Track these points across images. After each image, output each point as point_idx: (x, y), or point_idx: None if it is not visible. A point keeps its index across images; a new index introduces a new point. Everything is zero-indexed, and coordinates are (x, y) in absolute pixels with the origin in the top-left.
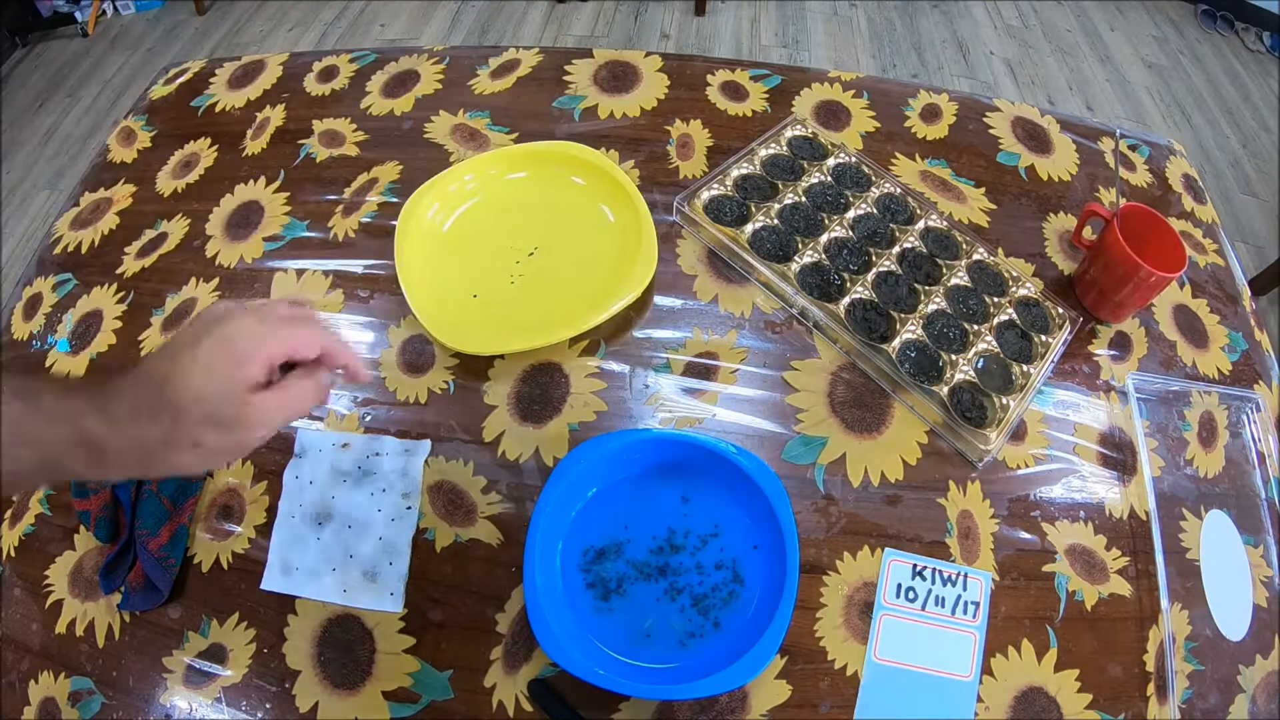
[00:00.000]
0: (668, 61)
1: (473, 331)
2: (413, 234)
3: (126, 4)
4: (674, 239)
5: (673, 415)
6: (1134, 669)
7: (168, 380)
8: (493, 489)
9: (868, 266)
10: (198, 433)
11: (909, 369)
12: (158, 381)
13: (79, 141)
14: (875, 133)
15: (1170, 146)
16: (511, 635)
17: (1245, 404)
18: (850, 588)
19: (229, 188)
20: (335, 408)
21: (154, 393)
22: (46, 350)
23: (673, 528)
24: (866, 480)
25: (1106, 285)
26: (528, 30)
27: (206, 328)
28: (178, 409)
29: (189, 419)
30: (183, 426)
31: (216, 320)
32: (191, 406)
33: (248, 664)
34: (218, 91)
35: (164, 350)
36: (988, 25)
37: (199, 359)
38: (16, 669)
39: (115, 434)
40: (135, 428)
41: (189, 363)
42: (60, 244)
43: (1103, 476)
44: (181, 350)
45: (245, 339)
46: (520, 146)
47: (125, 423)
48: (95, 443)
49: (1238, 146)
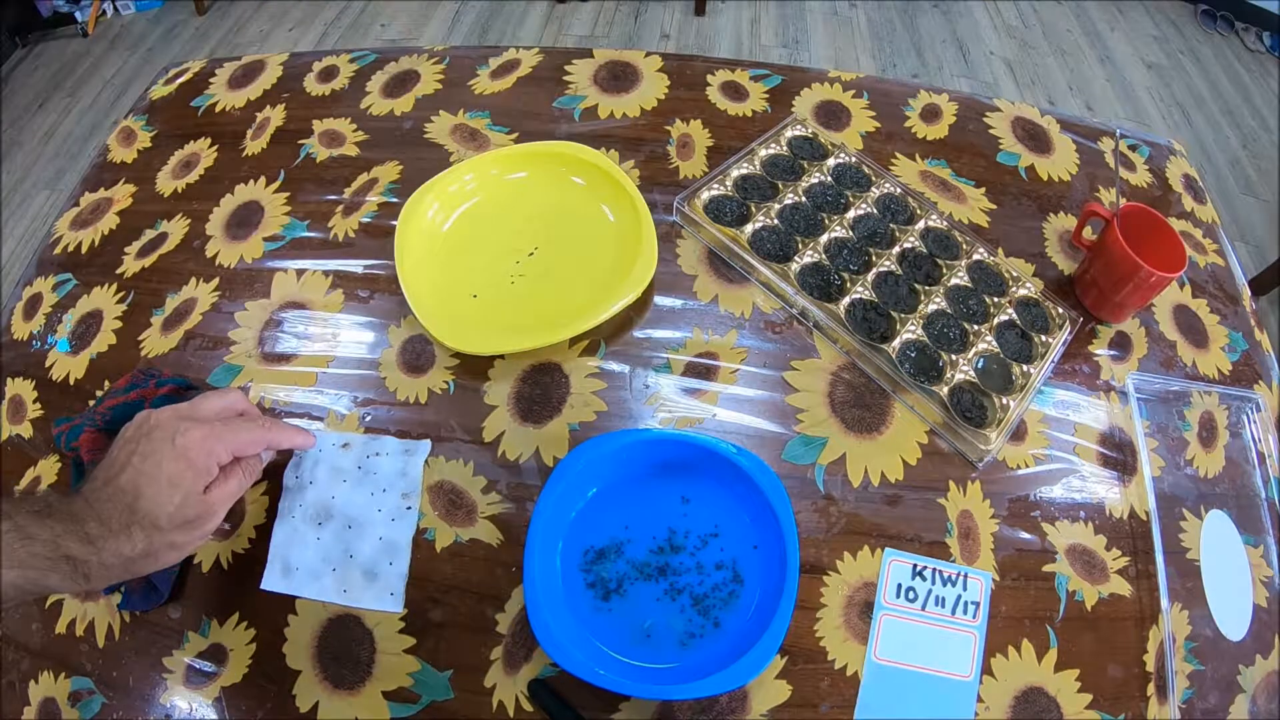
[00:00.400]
0: (668, 61)
1: (473, 331)
2: (413, 234)
3: (126, 4)
4: (674, 239)
5: (673, 415)
6: (1134, 669)
7: (138, 497)
8: (493, 489)
9: (868, 266)
10: (172, 536)
11: (909, 369)
12: (128, 501)
13: (79, 141)
14: (875, 133)
15: (1170, 146)
16: (511, 635)
17: (1245, 404)
18: (850, 588)
19: (229, 188)
20: (335, 408)
21: (125, 511)
22: (46, 350)
23: (673, 528)
24: (866, 480)
25: (1106, 285)
26: (528, 30)
27: (160, 443)
28: (153, 523)
29: (164, 529)
30: (159, 536)
31: (168, 435)
32: (163, 519)
33: (248, 664)
34: (218, 91)
35: (124, 466)
36: (988, 25)
37: (162, 477)
38: (16, 669)
39: (95, 552)
40: (114, 544)
41: (153, 480)
42: (60, 244)
43: (1103, 476)
44: (142, 468)
45: (199, 451)
46: (520, 146)
47: (103, 542)
48: (77, 562)
49: (1238, 146)
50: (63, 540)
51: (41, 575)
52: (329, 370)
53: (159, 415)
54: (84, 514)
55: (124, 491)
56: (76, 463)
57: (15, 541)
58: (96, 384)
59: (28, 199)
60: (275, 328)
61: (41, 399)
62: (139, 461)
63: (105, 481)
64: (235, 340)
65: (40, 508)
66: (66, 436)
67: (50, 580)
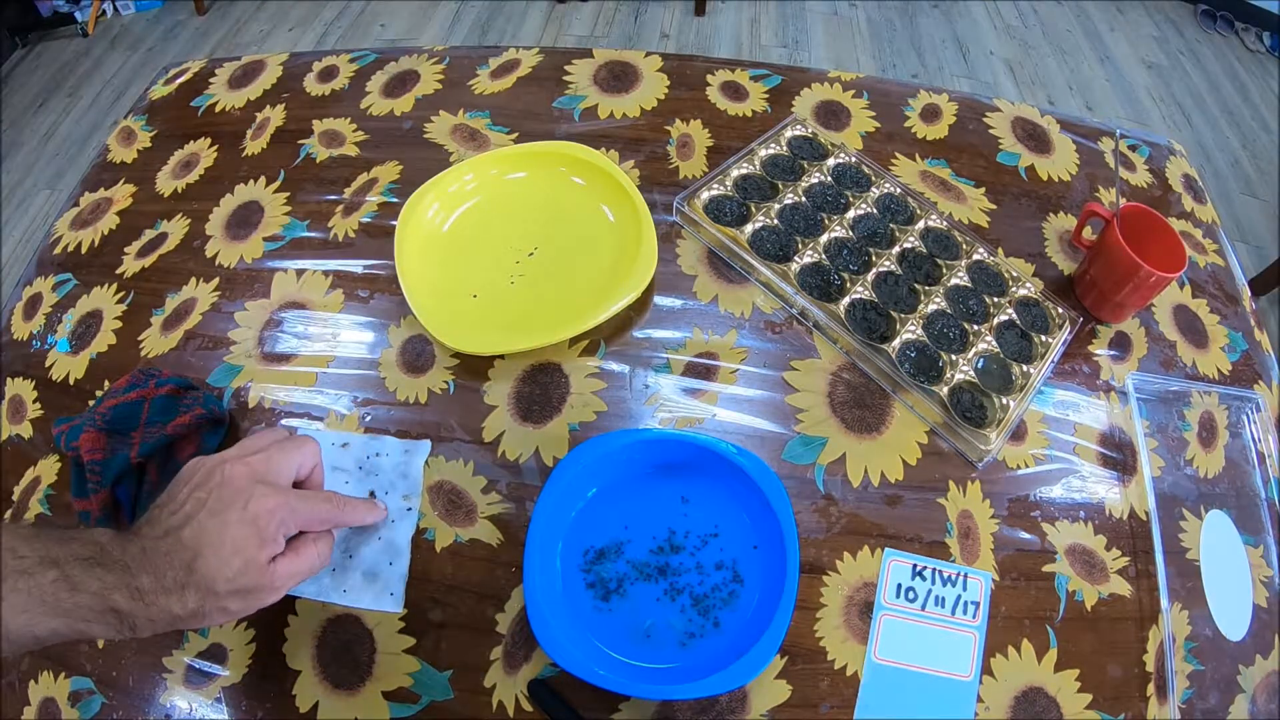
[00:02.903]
0: (668, 61)
1: (473, 331)
2: (413, 234)
3: (126, 4)
4: (674, 239)
5: (673, 415)
6: (1134, 669)
7: (198, 556)
8: (493, 489)
9: (868, 266)
10: (226, 602)
11: (909, 369)
12: (187, 559)
13: (79, 141)
14: (875, 133)
15: (1170, 146)
16: (511, 635)
17: (1245, 404)
18: (850, 588)
19: (229, 188)
20: (335, 408)
21: (183, 570)
22: (46, 350)
23: (673, 528)
24: (866, 480)
25: (1106, 285)
26: (528, 30)
27: (230, 502)
28: (208, 587)
29: (218, 594)
30: (212, 600)
31: (240, 495)
32: (220, 583)
33: (248, 664)
34: (218, 91)
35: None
36: (988, 25)
37: (227, 540)
38: (16, 669)
39: (145, 608)
40: (164, 601)
41: (216, 541)
42: (60, 244)
43: (1103, 476)
44: (207, 525)
45: (268, 521)
46: (520, 146)
47: (154, 597)
48: (124, 615)
49: (1238, 146)
50: (111, 594)
51: (86, 626)
52: (329, 370)
53: (233, 470)
54: (138, 566)
55: (184, 547)
56: (76, 463)
57: (62, 591)
58: (96, 384)
59: (28, 199)
60: (275, 328)
61: (41, 399)
62: (205, 518)
63: (166, 532)
64: (235, 340)
65: (92, 553)
66: (66, 436)
67: (93, 630)
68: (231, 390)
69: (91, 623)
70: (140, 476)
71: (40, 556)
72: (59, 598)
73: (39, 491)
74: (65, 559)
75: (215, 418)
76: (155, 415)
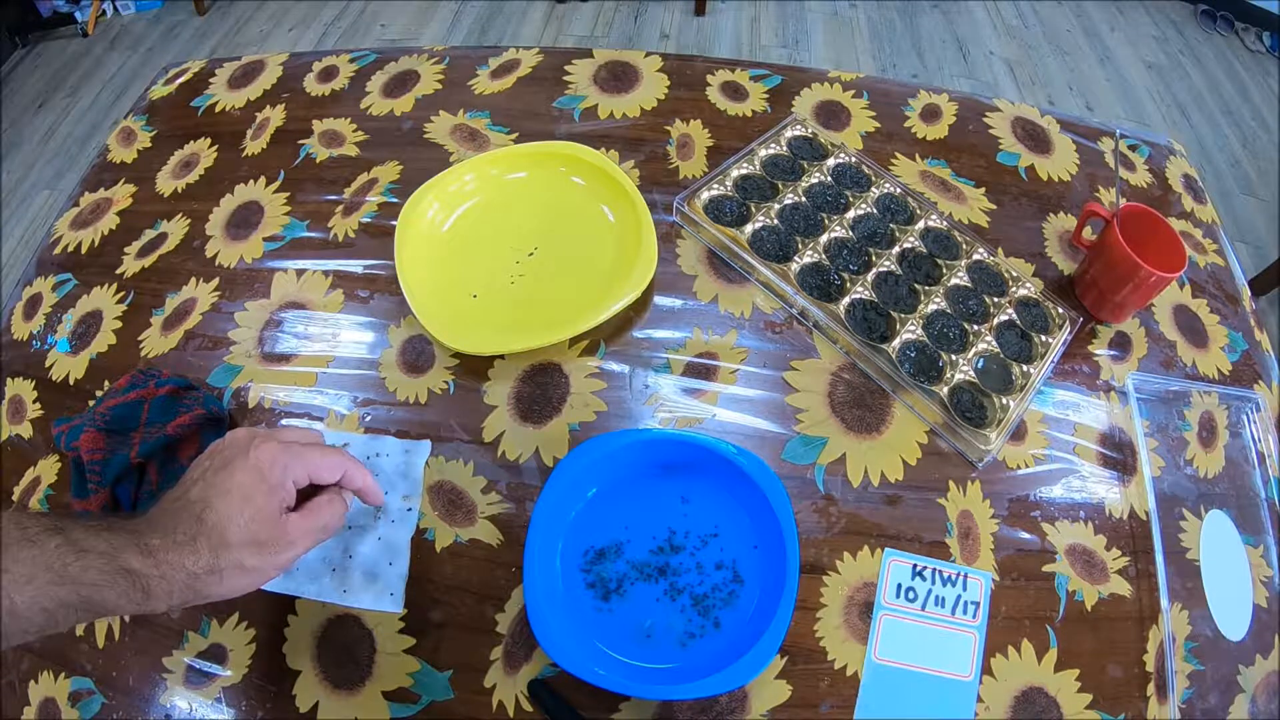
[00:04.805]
0: (668, 61)
1: (473, 331)
2: (413, 234)
3: (126, 4)
4: (674, 239)
5: (673, 415)
6: (1134, 669)
7: (207, 507)
8: (493, 489)
9: (868, 266)
10: (241, 555)
11: (909, 369)
12: (196, 511)
13: (79, 141)
14: (875, 133)
15: (1170, 146)
16: (511, 635)
17: (1245, 404)
18: (850, 588)
19: (229, 188)
20: (335, 408)
21: (193, 522)
22: (46, 350)
23: (673, 528)
24: (866, 480)
25: (1106, 285)
26: (528, 30)
27: (233, 456)
28: (220, 537)
29: (232, 542)
30: (227, 552)
31: (242, 449)
32: (233, 530)
33: (248, 664)
34: (218, 91)
35: (195, 481)
36: (988, 25)
37: (234, 487)
38: (16, 669)
39: (155, 564)
40: (177, 555)
41: (223, 489)
42: (60, 244)
43: (1103, 476)
44: (214, 479)
45: (274, 465)
46: (520, 146)
47: (165, 553)
48: (136, 575)
49: (1238, 146)
50: (120, 553)
51: (95, 591)
52: (329, 370)
53: (234, 434)
54: (148, 528)
55: (193, 503)
56: (76, 463)
57: (69, 555)
58: (96, 384)
59: (28, 199)
60: (275, 328)
61: (41, 399)
62: (211, 475)
63: (174, 499)
64: (235, 340)
65: (98, 522)
66: (66, 436)
67: (106, 596)
68: (231, 390)
69: (102, 588)
70: (140, 476)
71: (44, 526)
72: (65, 562)
73: (39, 491)
74: (71, 527)
75: (215, 418)
76: (155, 415)
